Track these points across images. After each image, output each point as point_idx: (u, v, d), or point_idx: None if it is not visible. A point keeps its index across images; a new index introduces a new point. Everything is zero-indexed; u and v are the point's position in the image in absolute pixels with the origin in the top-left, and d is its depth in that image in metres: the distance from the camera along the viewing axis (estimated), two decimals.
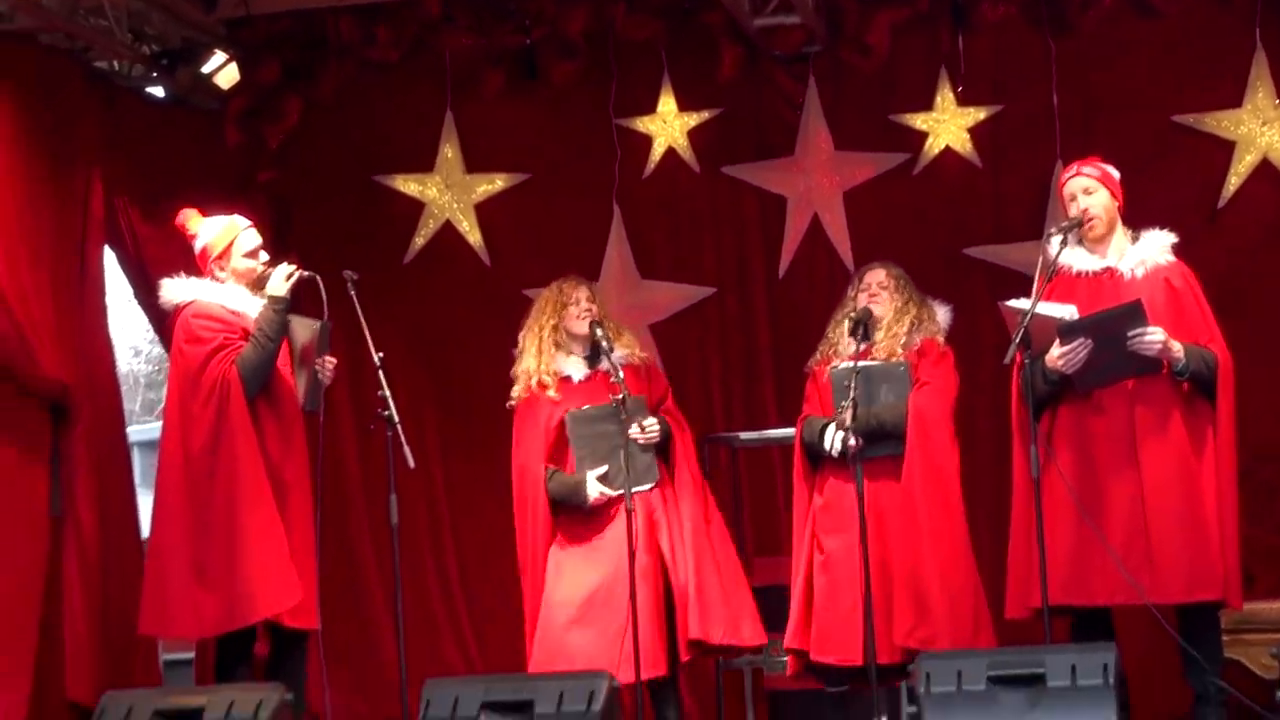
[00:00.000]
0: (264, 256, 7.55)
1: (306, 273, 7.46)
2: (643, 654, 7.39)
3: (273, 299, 7.40)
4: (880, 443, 7.44)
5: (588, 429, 7.66)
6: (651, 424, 7.61)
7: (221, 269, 7.53)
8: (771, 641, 8.05)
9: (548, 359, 7.77)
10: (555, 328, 7.81)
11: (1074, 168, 7.32)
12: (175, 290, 7.53)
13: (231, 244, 7.53)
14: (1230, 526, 7.04)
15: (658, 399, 7.84)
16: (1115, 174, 7.27)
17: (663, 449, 7.74)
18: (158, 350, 22.51)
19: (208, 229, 7.57)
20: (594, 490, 7.59)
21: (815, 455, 7.60)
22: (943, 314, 7.80)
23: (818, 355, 7.81)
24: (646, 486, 7.62)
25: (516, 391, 7.81)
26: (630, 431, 7.54)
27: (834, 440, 7.41)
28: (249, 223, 7.64)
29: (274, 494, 7.26)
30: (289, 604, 7.21)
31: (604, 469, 7.61)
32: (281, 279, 7.43)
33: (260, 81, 9.48)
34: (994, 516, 7.99)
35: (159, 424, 7.51)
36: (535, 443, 7.71)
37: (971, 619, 7.38)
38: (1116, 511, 7.01)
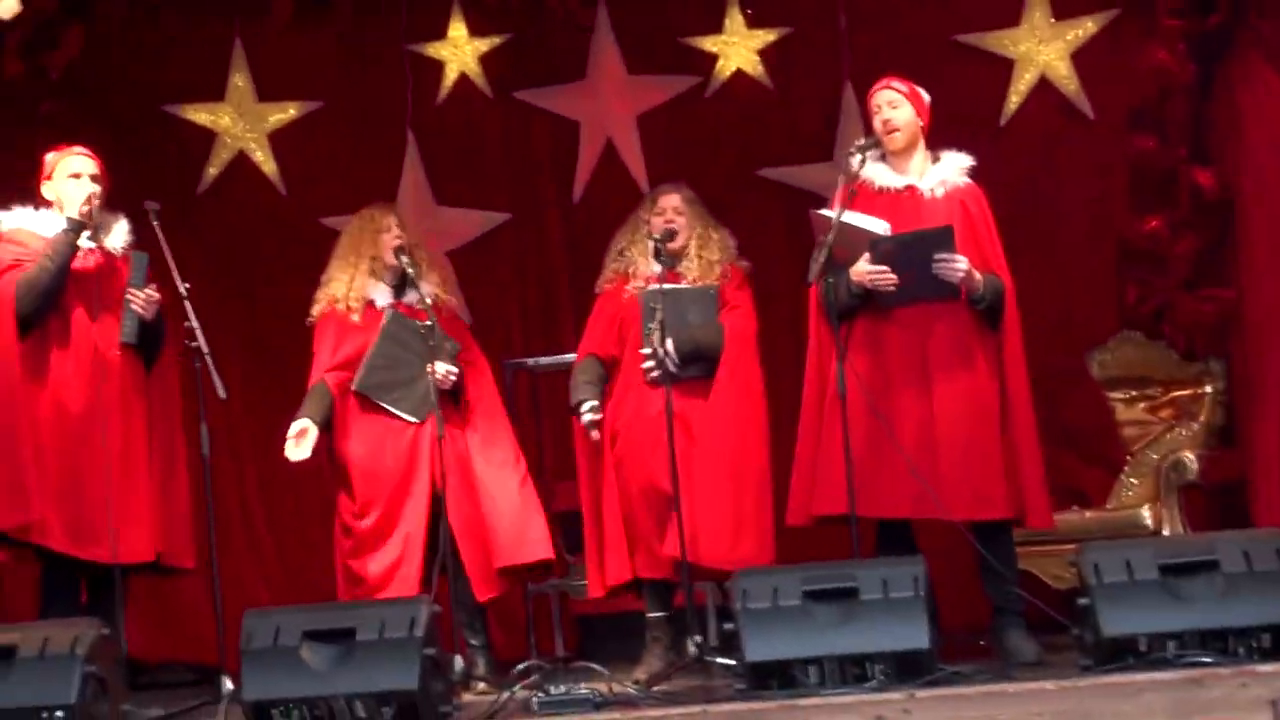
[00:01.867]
0: (91, 186, 7.38)
1: (97, 199, 7.36)
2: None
3: (68, 220, 7.35)
4: (693, 364, 7.54)
5: (397, 341, 7.67)
6: (452, 370, 7.64)
7: (49, 192, 7.47)
8: (574, 567, 8.20)
9: (359, 284, 7.80)
10: (372, 257, 7.83)
11: (884, 81, 7.38)
12: (3, 218, 7.49)
13: (57, 165, 7.48)
14: (1029, 448, 7.21)
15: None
16: (925, 95, 7.34)
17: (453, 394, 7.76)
18: None
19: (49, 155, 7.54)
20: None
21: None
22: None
23: (608, 274, 7.88)
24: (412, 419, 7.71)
25: (315, 310, 7.85)
26: (436, 367, 7.58)
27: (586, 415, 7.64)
28: (86, 151, 7.52)
29: (56, 425, 7.23)
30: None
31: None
32: (78, 202, 7.35)
33: (39, 10, 9.30)
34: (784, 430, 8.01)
35: None
36: (330, 357, 7.78)
37: (754, 542, 7.49)
38: (905, 428, 7.12)
